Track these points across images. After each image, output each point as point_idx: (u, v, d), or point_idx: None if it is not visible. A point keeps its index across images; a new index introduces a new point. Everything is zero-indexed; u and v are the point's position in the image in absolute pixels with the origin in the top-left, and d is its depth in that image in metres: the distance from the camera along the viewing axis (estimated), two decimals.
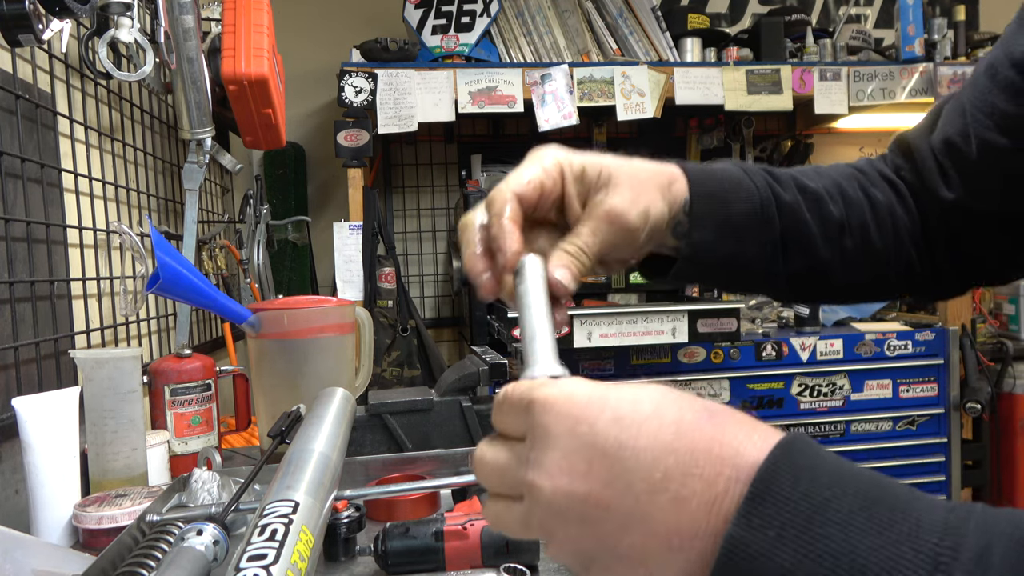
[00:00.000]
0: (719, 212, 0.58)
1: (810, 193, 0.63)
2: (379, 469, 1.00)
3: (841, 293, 0.68)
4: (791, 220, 0.61)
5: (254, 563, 0.49)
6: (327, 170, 2.67)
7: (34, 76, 1.05)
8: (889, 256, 0.66)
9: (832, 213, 0.63)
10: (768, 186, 0.61)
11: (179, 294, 1.04)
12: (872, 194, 0.66)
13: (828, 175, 0.66)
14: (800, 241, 0.62)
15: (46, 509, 0.87)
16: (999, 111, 0.58)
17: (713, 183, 0.59)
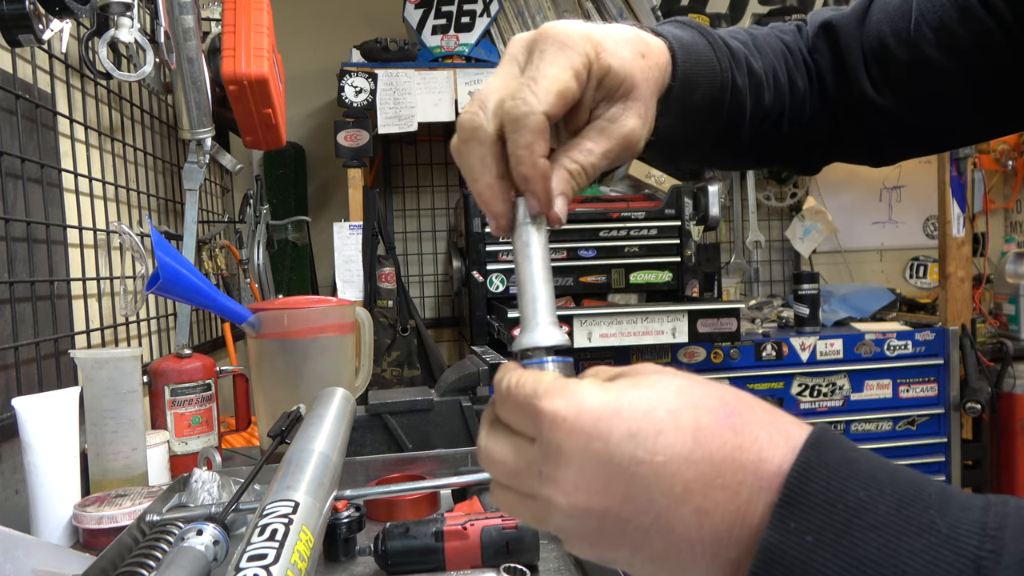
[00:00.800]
0: (686, 98, 0.57)
1: (754, 77, 0.63)
2: (379, 469, 1.00)
3: (784, 146, 0.70)
4: (735, 106, 0.62)
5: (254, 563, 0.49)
6: (327, 170, 2.67)
7: (34, 76, 1.06)
8: (794, 142, 0.69)
9: (764, 100, 0.64)
10: (729, 67, 0.61)
11: (179, 294, 1.04)
12: (795, 80, 0.67)
13: (767, 53, 0.66)
14: (733, 126, 0.63)
15: (46, 509, 0.87)
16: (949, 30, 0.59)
17: (690, 64, 0.57)
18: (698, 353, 2.14)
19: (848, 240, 2.98)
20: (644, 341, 1.91)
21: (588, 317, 1.88)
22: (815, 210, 2.80)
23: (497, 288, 2.09)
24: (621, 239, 2.14)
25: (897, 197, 3.03)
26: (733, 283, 2.87)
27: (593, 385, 0.36)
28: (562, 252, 2.11)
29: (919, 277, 3.04)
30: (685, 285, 2.16)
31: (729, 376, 2.14)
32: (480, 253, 2.07)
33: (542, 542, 0.75)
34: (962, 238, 2.36)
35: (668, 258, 2.16)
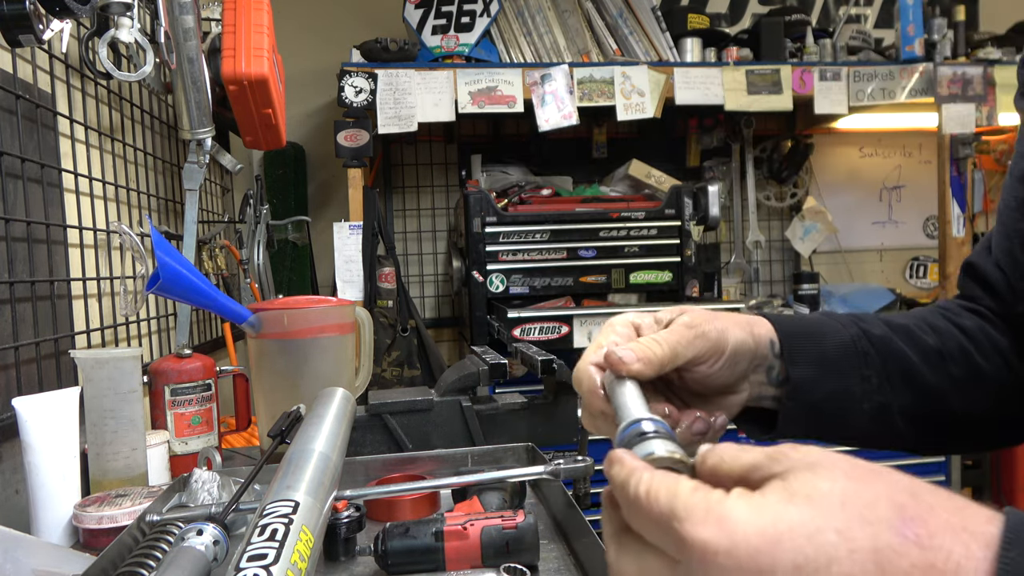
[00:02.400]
0: (812, 349, 0.57)
1: (898, 327, 0.63)
2: (379, 469, 1.00)
3: (967, 429, 0.64)
4: (886, 350, 0.60)
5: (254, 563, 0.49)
6: (327, 170, 2.67)
7: (34, 76, 1.06)
8: (1003, 379, 0.64)
9: (927, 342, 0.62)
10: (854, 323, 0.61)
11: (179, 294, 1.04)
12: (961, 323, 0.66)
13: (909, 314, 0.67)
14: (903, 371, 0.60)
15: (46, 509, 0.87)
16: (1021, 199, 0.62)
17: (797, 324, 0.59)
18: None
19: (848, 240, 2.98)
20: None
21: (588, 317, 1.88)
22: (815, 210, 2.80)
23: (497, 288, 2.09)
24: (621, 239, 2.14)
25: (897, 197, 3.03)
26: (733, 283, 2.87)
27: (743, 503, 0.31)
28: (562, 252, 2.11)
29: (919, 277, 3.04)
30: (685, 285, 2.16)
31: None
32: (480, 253, 2.07)
33: (542, 542, 0.75)
34: (962, 238, 2.36)
35: (668, 258, 2.16)
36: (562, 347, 1.86)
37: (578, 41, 2.32)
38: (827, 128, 2.83)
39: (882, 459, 0.72)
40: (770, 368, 0.57)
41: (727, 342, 0.53)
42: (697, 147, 2.80)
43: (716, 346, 0.52)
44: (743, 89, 2.28)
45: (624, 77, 2.22)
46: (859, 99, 2.35)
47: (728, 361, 0.53)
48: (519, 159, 2.62)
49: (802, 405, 0.56)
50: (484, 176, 2.47)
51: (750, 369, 0.56)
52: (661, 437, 0.38)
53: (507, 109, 2.15)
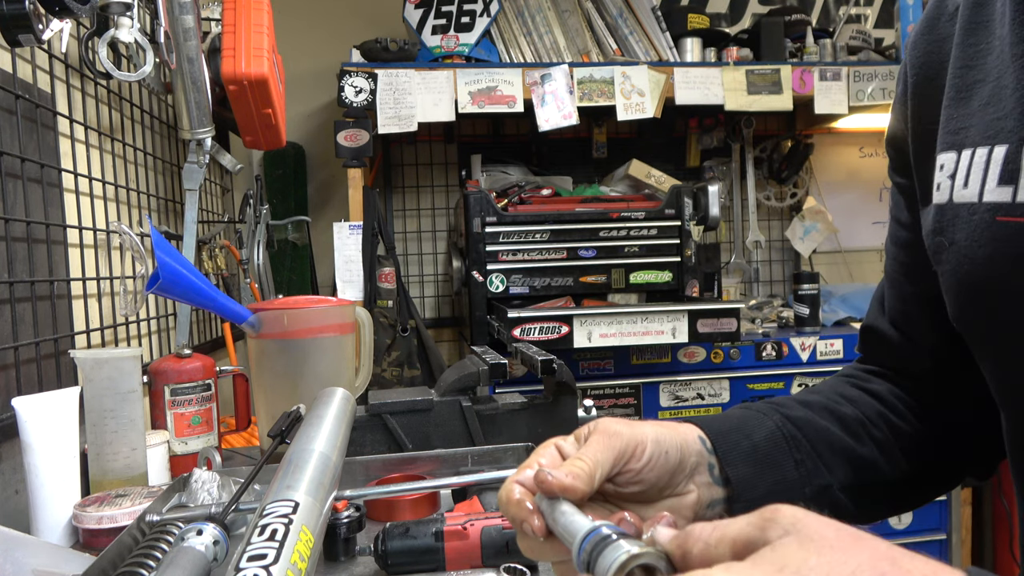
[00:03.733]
0: (743, 444, 0.58)
1: (815, 404, 0.64)
2: (379, 469, 1.00)
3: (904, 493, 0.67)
4: (812, 431, 0.61)
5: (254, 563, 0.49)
6: (327, 170, 2.67)
7: (34, 76, 1.06)
8: (923, 436, 0.66)
9: (846, 413, 0.64)
10: (774, 410, 0.62)
11: (179, 294, 1.04)
12: (870, 388, 0.68)
13: (820, 389, 0.69)
14: (832, 448, 0.61)
15: (46, 509, 0.87)
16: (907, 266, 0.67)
17: (721, 421, 0.59)
18: (698, 353, 2.14)
19: (848, 240, 2.98)
20: (644, 341, 1.91)
21: (588, 317, 1.88)
22: (815, 210, 2.80)
23: (497, 288, 2.09)
24: (621, 239, 2.14)
25: None
26: (733, 283, 2.87)
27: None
28: (562, 252, 2.11)
29: None
30: (685, 285, 2.16)
31: (729, 376, 2.14)
32: (480, 253, 2.07)
33: None
34: None
35: (668, 258, 2.16)
36: (562, 347, 1.86)
37: (578, 41, 2.32)
38: (827, 128, 2.83)
39: None
40: (711, 467, 0.56)
41: (644, 435, 0.52)
42: (697, 147, 2.80)
43: (632, 440, 0.51)
44: (743, 89, 2.28)
45: (624, 77, 2.22)
46: (859, 99, 2.35)
47: (654, 453, 0.52)
48: (519, 159, 2.62)
49: (747, 504, 0.56)
50: (484, 176, 2.47)
51: (689, 468, 0.55)
52: (626, 537, 0.36)
53: (507, 109, 2.15)
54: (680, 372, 2.12)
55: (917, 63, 0.63)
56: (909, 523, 2.20)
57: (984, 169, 0.53)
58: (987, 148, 0.54)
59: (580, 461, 0.48)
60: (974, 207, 0.54)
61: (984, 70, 0.56)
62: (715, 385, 2.14)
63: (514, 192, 2.27)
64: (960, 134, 0.56)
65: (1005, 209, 0.52)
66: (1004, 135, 0.53)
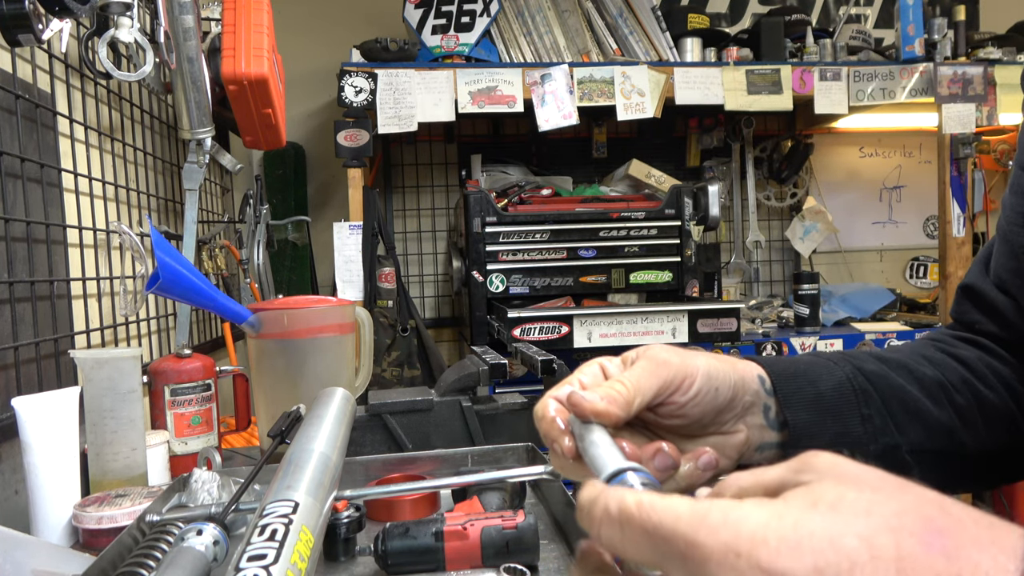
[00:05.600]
0: (807, 390, 0.54)
1: (892, 361, 0.60)
2: (379, 469, 1.00)
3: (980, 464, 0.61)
4: (886, 387, 0.57)
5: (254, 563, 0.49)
6: (327, 170, 2.67)
7: (34, 76, 1.05)
8: (1010, 410, 0.61)
9: (926, 374, 0.59)
10: (846, 360, 0.58)
11: (179, 294, 1.04)
12: (958, 354, 0.63)
13: (901, 348, 0.64)
14: (906, 407, 0.57)
15: (46, 509, 0.87)
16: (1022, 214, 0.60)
17: (786, 364, 0.56)
18: None
19: (848, 240, 2.98)
20: (644, 341, 1.91)
21: (588, 317, 1.88)
22: (815, 210, 2.80)
23: (497, 288, 2.09)
24: (621, 239, 2.14)
25: (897, 197, 3.03)
26: (733, 283, 2.86)
27: (761, 509, 0.30)
28: (562, 252, 2.11)
29: (919, 277, 3.04)
30: (685, 285, 2.16)
31: None
32: (480, 253, 2.07)
33: (542, 542, 0.75)
34: (962, 238, 2.36)
35: (668, 258, 2.16)
36: (562, 347, 1.86)
37: (578, 41, 2.32)
38: (827, 128, 2.83)
39: None
40: (766, 408, 0.53)
41: (696, 367, 0.49)
42: (697, 147, 2.80)
43: (681, 371, 0.48)
44: (743, 89, 2.28)
45: (624, 77, 2.22)
46: (859, 99, 2.35)
47: (703, 388, 0.49)
48: (519, 159, 2.62)
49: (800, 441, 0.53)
50: (484, 176, 2.47)
51: (742, 407, 0.52)
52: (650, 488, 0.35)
53: (507, 109, 2.15)
54: None
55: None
56: None
57: None
58: None
59: (620, 385, 0.46)
60: None
61: None
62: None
63: (514, 192, 2.27)
64: None
65: None
66: None
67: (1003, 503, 2.29)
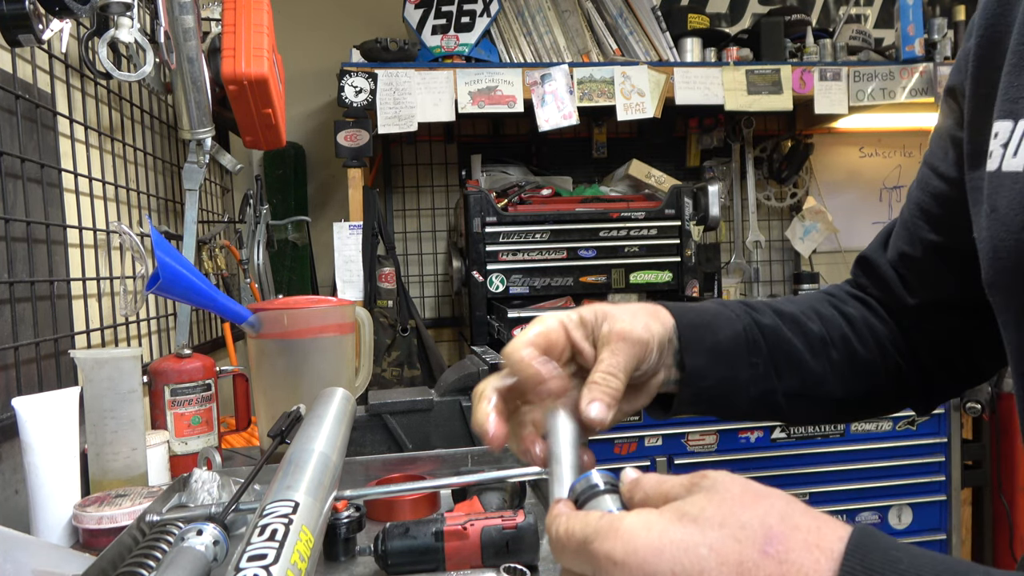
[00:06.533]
0: (706, 338, 0.62)
1: (787, 315, 0.68)
2: (379, 469, 1.00)
3: (841, 409, 0.71)
4: (775, 339, 0.66)
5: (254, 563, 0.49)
6: (327, 170, 2.67)
7: (34, 76, 1.05)
8: (877, 365, 0.70)
9: (812, 329, 0.68)
10: (746, 313, 0.66)
11: (179, 294, 1.04)
12: (845, 311, 0.71)
13: (799, 301, 0.73)
14: (788, 358, 0.66)
15: (46, 509, 0.87)
16: (932, 215, 0.68)
17: (694, 314, 0.63)
18: None
19: (848, 240, 2.98)
20: None
21: None
22: (815, 210, 2.80)
23: (497, 288, 2.09)
24: (621, 239, 2.14)
25: (897, 197, 3.03)
26: (733, 283, 2.86)
27: (639, 521, 0.38)
28: (562, 252, 2.11)
29: None
30: (685, 285, 2.16)
31: None
32: (480, 253, 2.07)
33: (542, 542, 0.75)
34: None
35: (668, 258, 2.16)
36: None
37: (578, 41, 2.32)
38: (827, 128, 2.83)
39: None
40: (676, 352, 0.61)
41: (651, 337, 0.56)
42: (697, 147, 2.80)
43: (647, 347, 0.56)
44: (743, 89, 2.28)
45: (624, 77, 2.22)
46: (859, 99, 2.35)
47: (656, 354, 0.57)
48: (519, 159, 2.62)
49: (694, 391, 0.61)
50: (484, 176, 2.47)
51: (663, 356, 0.60)
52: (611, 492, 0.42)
53: (507, 109, 2.15)
54: None
55: (985, 23, 0.62)
56: (909, 523, 2.20)
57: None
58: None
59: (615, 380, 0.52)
60: (1017, 176, 0.55)
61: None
62: None
63: (514, 192, 2.27)
64: (1019, 103, 0.57)
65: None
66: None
67: (1003, 504, 2.29)
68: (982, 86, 0.62)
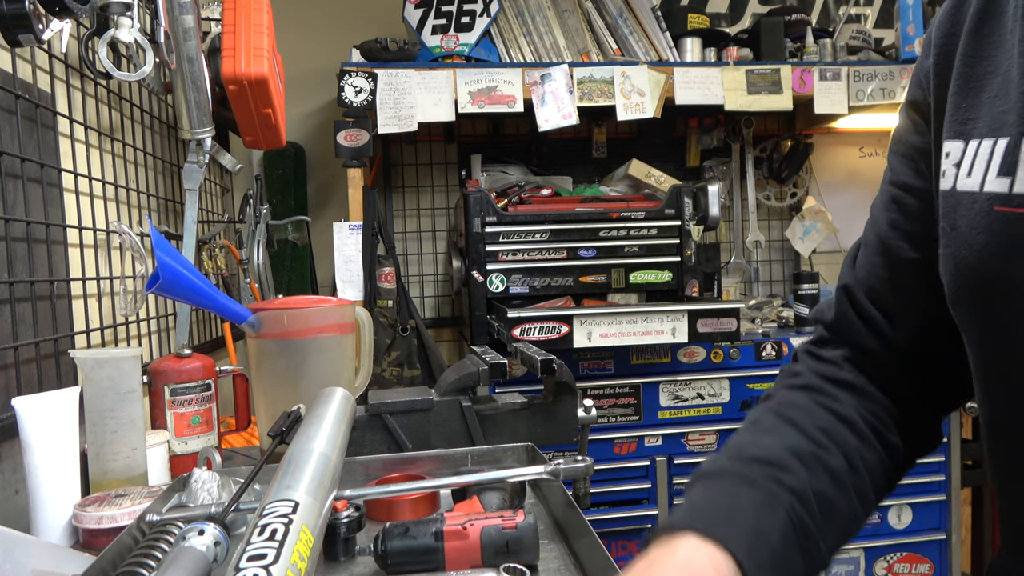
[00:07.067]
0: (763, 551, 0.54)
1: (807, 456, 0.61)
2: (379, 469, 1.00)
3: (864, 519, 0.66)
4: (813, 503, 0.59)
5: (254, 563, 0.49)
6: (327, 170, 2.67)
7: (34, 76, 1.06)
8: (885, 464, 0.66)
9: (832, 464, 0.62)
10: (778, 485, 0.58)
11: (179, 294, 1.04)
12: (842, 413, 0.66)
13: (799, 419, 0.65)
14: (827, 514, 0.60)
15: (46, 509, 0.87)
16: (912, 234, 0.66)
17: (740, 525, 0.55)
18: (698, 353, 2.14)
19: (848, 240, 2.97)
20: (644, 341, 1.91)
21: (588, 317, 1.88)
22: (815, 210, 2.80)
23: (497, 288, 2.09)
24: (621, 239, 2.14)
25: None
26: (733, 283, 2.86)
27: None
28: (562, 252, 2.11)
29: None
30: (685, 285, 2.16)
31: (729, 376, 2.14)
32: (480, 253, 2.07)
33: (542, 542, 0.75)
34: None
35: (668, 258, 2.16)
36: (562, 347, 1.85)
37: (578, 41, 2.32)
38: (827, 128, 2.83)
39: None
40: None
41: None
42: (697, 147, 2.80)
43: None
44: (743, 89, 2.28)
45: (624, 77, 2.22)
46: (859, 99, 2.35)
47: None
48: (519, 159, 2.62)
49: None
50: (484, 176, 2.47)
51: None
52: None
53: (507, 109, 2.15)
54: (680, 372, 2.12)
55: (940, 41, 0.63)
56: (909, 523, 2.20)
57: (987, 160, 0.55)
58: (991, 140, 0.55)
59: None
60: (975, 196, 0.56)
61: (994, 62, 0.57)
62: (715, 385, 2.14)
63: (514, 192, 2.27)
64: (968, 124, 0.58)
65: (1002, 199, 0.53)
66: (1007, 128, 0.54)
67: None
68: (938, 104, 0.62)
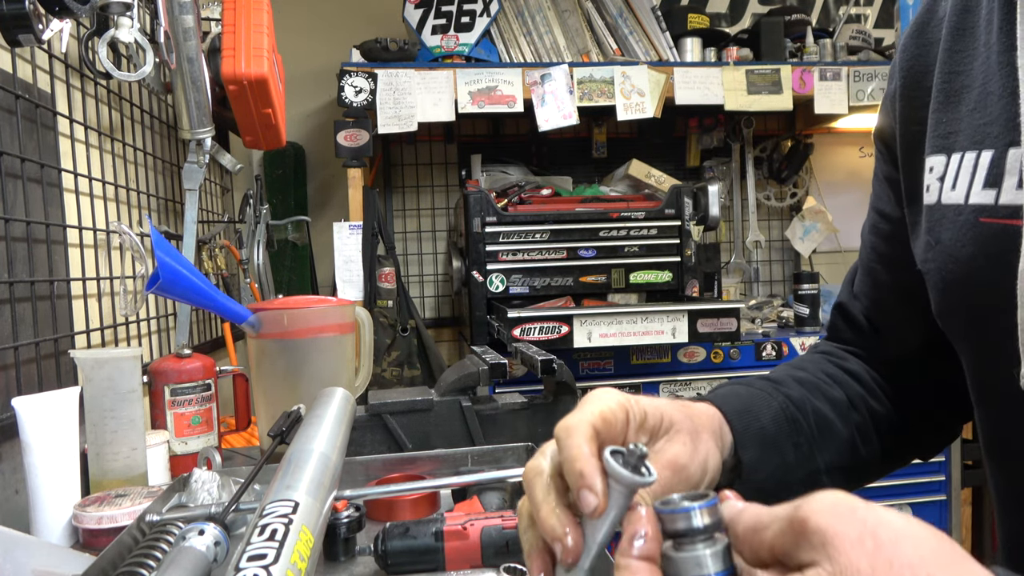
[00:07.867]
0: (753, 425, 0.60)
1: (808, 383, 0.67)
2: (379, 469, 1.00)
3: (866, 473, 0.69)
4: (811, 412, 0.64)
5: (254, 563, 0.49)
6: (327, 170, 2.67)
7: (34, 76, 1.05)
8: (892, 419, 0.69)
9: (834, 395, 0.67)
10: (774, 389, 0.64)
11: (179, 294, 1.04)
12: (849, 368, 0.71)
13: (807, 365, 0.71)
14: (824, 431, 0.64)
15: (46, 509, 0.87)
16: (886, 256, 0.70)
17: (736, 401, 0.61)
18: (698, 353, 2.14)
19: (848, 240, 2.98)
20: (644, 341, 1.91)
21: (588, 317, 1.88)
22: (815, 210, 2.80)
23: (497, 288, 2.09)
24: (621, 239, 2.14)
25: None
26: (733, 283, 2.86)
27: None
28: (562, 252, 2.11)
29: None
30: (685, 285, 2.16)
31: (729, 376, 2.14)
32: (480, 253, 2.07)
33: None
34: None
35: (668, 258, 2.16)
36: (562, 347, 1.86)
37: (578, 41, 2.32)
38: (827, 128, 2.83)
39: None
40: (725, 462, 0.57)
41: (706, 472, 0.53)
42: (697, 147, 2.80)
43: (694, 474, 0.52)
44: (743, 89, 2.28)
45: (624, 77, 2.22)
46: (859, 99, 2.35)
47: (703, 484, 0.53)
48: (519, 159, 2.62)
49: (749, 488, 0.56)
50: (484, 176, 2.47)
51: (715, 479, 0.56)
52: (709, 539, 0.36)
53: (507, 109, 2.15)
54: (680, 372, 2.12)
55: (906, 65, 0.65)
56: None
57: (971, 173, 0.56)
58: (975, 152, 0.56)
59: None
60: (960, 208, 0.56)
61: (971, 76, 0.58)
62: (715, 385, 2.14)
63: (514, 192, 2.27)
64: (949, 138, 0.58)
65: (988, 211, 0.54)
66: (991, 140, 0.55)
67: None
68: (911, 124, 0.63)
